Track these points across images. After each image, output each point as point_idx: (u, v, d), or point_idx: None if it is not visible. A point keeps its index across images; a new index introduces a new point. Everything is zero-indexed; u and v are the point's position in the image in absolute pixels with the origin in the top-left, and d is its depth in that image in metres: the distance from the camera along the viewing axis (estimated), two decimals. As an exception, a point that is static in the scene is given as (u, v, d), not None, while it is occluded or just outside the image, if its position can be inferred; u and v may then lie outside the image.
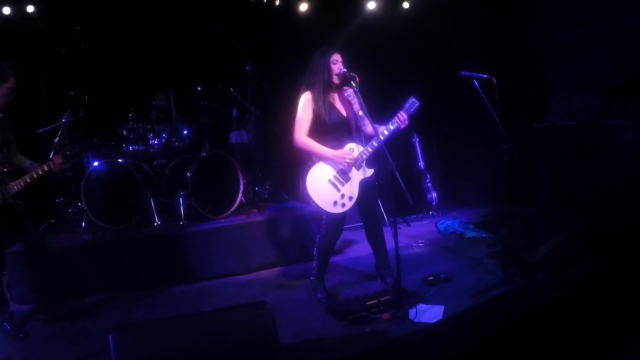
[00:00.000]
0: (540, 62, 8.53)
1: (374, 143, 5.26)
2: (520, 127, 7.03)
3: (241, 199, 7.27)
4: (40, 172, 5.16)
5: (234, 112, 7.84)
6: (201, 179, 7.01)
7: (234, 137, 8.11)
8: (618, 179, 5.72)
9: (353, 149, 5.35)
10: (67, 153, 5.51)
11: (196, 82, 7.63)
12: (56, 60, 7.38)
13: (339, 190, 5.25)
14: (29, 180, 5.10)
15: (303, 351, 4.54)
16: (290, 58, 8.40)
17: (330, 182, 5.25)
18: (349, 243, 7.59)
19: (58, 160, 5.30)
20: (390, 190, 4.98)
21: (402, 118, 5.24)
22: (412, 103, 5.39)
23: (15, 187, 5.06)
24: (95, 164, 6.78)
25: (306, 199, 5.33)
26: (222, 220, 7.06)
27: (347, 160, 5.25)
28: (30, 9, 7.77)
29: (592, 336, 3.36)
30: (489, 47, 8.65)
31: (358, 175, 5.36)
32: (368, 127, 5.54)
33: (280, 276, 6.61)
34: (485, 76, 5.55)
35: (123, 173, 6.85)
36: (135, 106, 7.37)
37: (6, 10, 7.66)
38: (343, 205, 5.27)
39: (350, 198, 5.30)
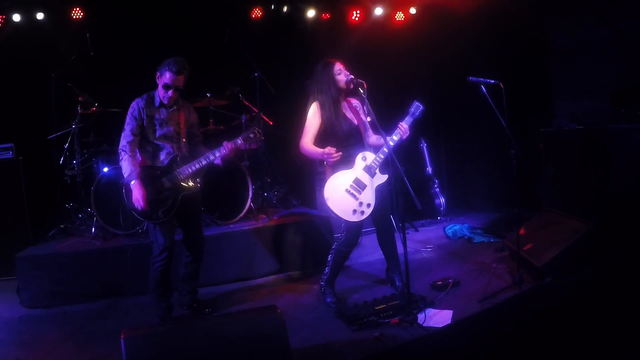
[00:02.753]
0: (547, 66, 8.54)
1: (384, 150, 5.29)
2: (527, 131, 7.05)
3: (250, 204, 7.29)
4: (212, 157, 5.31)
5: (243, 118, 7.86)
6: (210, 185, 7.04)
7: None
8: (625, 183, 5.71)
9: (365, 157, 5.38)
10: (251, 136, 5.49)
11: (205, 88, 7.66)
12: (66, 66, 7.43)
13: (356, 198, 5.28)
14: (203, 162, 5.28)
15: (312, 355, 4.56)
16: (298, 64, 8.45)
17: (347, 192, 5.27)
18: (359, 248, 7.58)
19: (229, 145, 5.33)
20: (398, 195, 5.00)
21: (403, 128, 5.31)
22: (417, 107, 5.44)
23: (188, 169, 5.26)
24: (105, 169, 6.81)
25: (326, 210, 5.34)
26: (231, 225, 7.09)
27: (329, 158, 5.29)
28: (39, 16, 7.84)
29: (601, 340, 3.37)
30: (495, 52, 8.67)
31: (373, 182, 5.39)
32: (371, 138, 5.66)
33: (289, 281, 6.64)
34: (493, 81, 5.56)
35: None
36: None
37: (16, 18, 7.72)
38: (362, 212, 5.30)
39: (369, 205, 5.32)
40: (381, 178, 5.44)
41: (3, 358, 4.73)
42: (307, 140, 5.43)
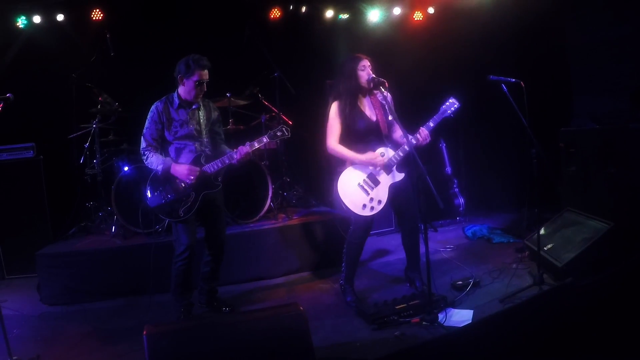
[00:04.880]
0: (566, 65, 8.49)
1: (405, 147, 5.27)
2: (547, 131, 7.00)
3: (270, 204, 7.29)
4: (230, 159, 5.28)
5: (263, 118, 7.87)
6: (230, 184, 7.04)
7: (263, 142, 8.14)
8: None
9: (384, 154, 5.38)
10: (278, 133, 5.43)
11: (225, 89, 7.67)
12: (86, 67, 7.47)
13: (368, 194, 5.29)
14: (226, 161, 5.25)
15: (333, 354, 4.56)
16: (317, 64, 8.45)
17: (359, 186, 5.29)
18: (378, 248, 7.58)
19: (244, 149, 5.26)
20: (420, 195, 4.98)
21: (423, 135, 5.26)
22: (451, 104, 5.40)
23: (210, 168, 5.25)
24: (126, 169, 6.85)
25: (337, 201, 5.37)
26: (251, 225, 7.10)
27: (377, 163, 5.29)
28: (60, 17, 7.88)
29: (622, 341, 3.34)
30: (514, 51, 8.62)
31: (388, 180, 5.39)
32: (396, 133, 5.58)
33: (308, 280, 6.65)
34: (514, 80, 5.52)
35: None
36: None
37: (37, 19, 7.77)
38: (372, 208, 5.31)
39: (380, 202, 5.33)
40: (398, 176, 5.44)
41: (23, 354, 4.75)
42: (334, 141, 5.43)
